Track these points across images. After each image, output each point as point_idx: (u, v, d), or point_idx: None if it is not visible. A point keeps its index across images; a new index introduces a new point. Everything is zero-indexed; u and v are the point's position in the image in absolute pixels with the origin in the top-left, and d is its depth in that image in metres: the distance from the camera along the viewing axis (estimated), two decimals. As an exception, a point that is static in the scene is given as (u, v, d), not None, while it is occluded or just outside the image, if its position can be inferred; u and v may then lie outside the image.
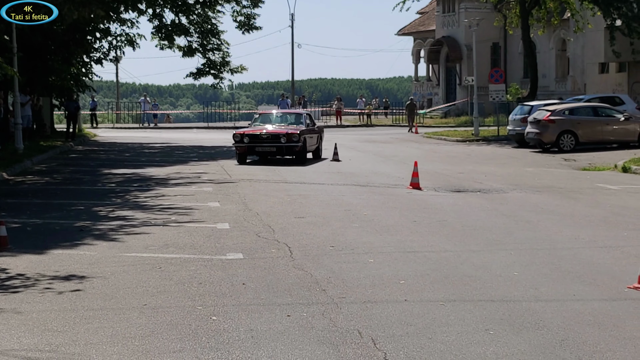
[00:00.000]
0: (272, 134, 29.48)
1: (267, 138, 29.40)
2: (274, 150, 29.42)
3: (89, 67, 44.57)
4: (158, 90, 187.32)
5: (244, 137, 29.05)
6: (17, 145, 31.18)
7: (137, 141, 43.63)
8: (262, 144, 29.31)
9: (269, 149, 29.39)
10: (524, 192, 20.98)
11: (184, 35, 46.24)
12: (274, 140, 29.30)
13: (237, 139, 29.11)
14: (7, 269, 11.73)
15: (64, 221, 16.03)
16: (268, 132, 29.63)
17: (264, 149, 29.41)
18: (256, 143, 29.21)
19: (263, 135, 29.36)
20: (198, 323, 8.91)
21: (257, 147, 29.30)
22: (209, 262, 12.12)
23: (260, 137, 29.32)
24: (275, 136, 29.38)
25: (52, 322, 8.98)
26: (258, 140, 29.27)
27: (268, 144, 29.33)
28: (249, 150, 29.30)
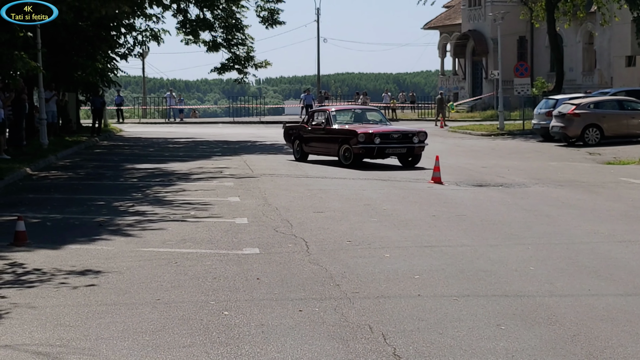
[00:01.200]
0: (403, 133, 26.41)
1: (398, 138, 26.18)
2: (404, 152, 26.26)
3: (114, 62, 44.75)
4: (186, 85, 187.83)
5: (374, 136, 25.58)
6: (41, 140, 31.35)
7: (162, 136, 43.79)
8: (392, 145, 25.98)
9: (400, 150, 26.17)
10: (546, 186, 20.87)
11: (208, 30, 46.29)
12: (404, 141, 26.16)
13: (362, 138, 25.55)
14: (24, 263, 11.80)
15: (83, 216, 16.10)
16: (399, 131, 26.73)
17: (395, 150, 26.12)
18: (387, 144, 25.85)
19: (394, 135, 26.17)
20: (210, 318, 8.93)
21: (388, 149, 25.91)
22: (225, 257, 12.14)
23: (391, 137, 26.05)
24: (406, 135, 26.31)
25: (65, 317, 9.02)
26: (388, 141, 25.94)
27: (399, 144, 26.09)
28: (379, 152, 25.90)
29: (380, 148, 25.66)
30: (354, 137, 25.79)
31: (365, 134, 25.62)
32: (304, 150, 28.39)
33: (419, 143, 26.08)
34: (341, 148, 26.36)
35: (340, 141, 26.44)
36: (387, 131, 26.15)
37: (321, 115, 28.58)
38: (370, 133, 25.66)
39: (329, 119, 27.49)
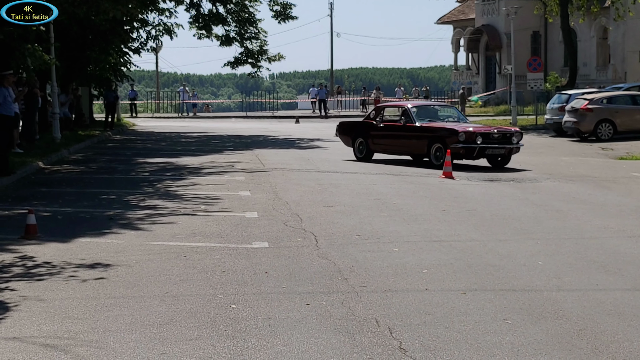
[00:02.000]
0: (502, 133, 24.55)
1: (498, 138, 24.32)
2: (504, 153, 24.44)
3: (127, 57, 44.81)
4: (199, 79, 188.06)
5: (476, 136, 23.69)
6: (54, 134, 31.48)
7: (174, 130, 43.88)
8: (493, 145, 24.07)
9: (499, 151, 24.33)
10: (557, 181, 20.85)
11: (221, 24, 46.32)
12: (504, 141, 24.32)
13: (463, 137, 23.61)
14: (34, 257, 11.86)
15: (94, 210, 16.15)
16: (499, 130, 24.81)
17: (495, 151, 24.25)
18: (488, 144, 23.95)
19: (494, 134, 24.24)
20: (217, 311, 8.96)
21: (488, 149, 24.05)
22: (234, 251, 12.17)
23: (491, 137, 24.14)
24: (505, 135, 24.48)
25: (74, 309, 9.06)
26: (489, 141, 24.03)
27: (499, 145, 24.21)
28: (479, 153, 24.06)
29: (482, 148, 23.81)
30: (452, 136, 23.75)
31: (465, 132, 23.70)
32: (370, 148, 26.43)
33: (517, 144, 24.43)
34: (432, 147, 24.25)
35: (431, 140, 24.39)
36: (487, 130, 24.37)
37: (396, 112, 26.76)
38: (472, 132, 23.79)
39: (409, 115, 25.28)
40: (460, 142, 23.58)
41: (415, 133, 24.95)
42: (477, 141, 23.64)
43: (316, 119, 58.53)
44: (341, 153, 28.45)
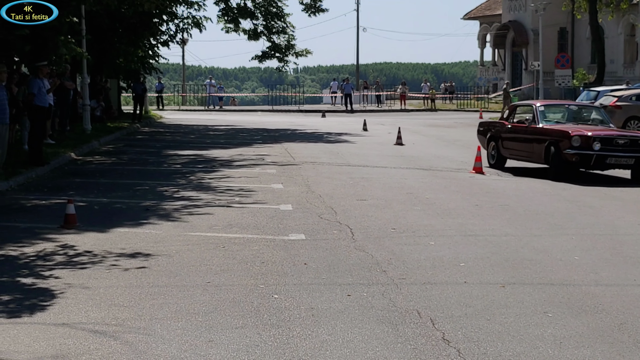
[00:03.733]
0: (631, 139, 20.54)
1: (625, 144, 20.37)
2: (632, 164, 20.46)
3: (156, 49, 45.04)
4: (224, 73, 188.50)
5: (593, 141, 20.14)
6: (84, 126, 31.72)
7: (202, 123, 44.05)
8: (617, 154, 20.23)
9: (626, 160, 20.33)
10: (586, 177, 20.87)
11: (249, 18, 46.50)
12: (634, 149, 20.34)
13: (577, 142, 20.10)
14: (75, 245, 12.02)
15: (129, 200, 16.32)
16: (626, 135, 21.01)
17: (620, 160, 20.30)
18: (609, 151, 20.20)
19: (619, 140, 20.43)
20: (260, 301, 9.08)
21: (610, 158, 20.18)
22: (271, 242, 12.30)
23: (615, 143, 20.35)
24: (636, 142, 20.42)
25: (119, 297, 9.21)
26: (611, 148, 20.28)
27: (625, 153, 20.27)
28: (597, 162, 20.28)
29: (600, 156, 20.09)
30: (564, 140, 20.40)
31: (580, 136, 20.17)
32: (501, 153, 23.29)
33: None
34: (548, 153, 21.04)
35: (548, 144, 21.04)
36: (610, 135, 20.47)
37: (525, 111, 23.56)
38: (588, 136, 20.16)
39: (535, 115, 22.14)
40: (574, 147, 20.09)
41: (535, 136, 21.75)
42: (593, 147, 20.02)
43: (342, 113, 58.60)
44: (369, 147, 28.55)
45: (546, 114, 22.32)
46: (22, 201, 16.34)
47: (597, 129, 21.09)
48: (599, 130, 20.99)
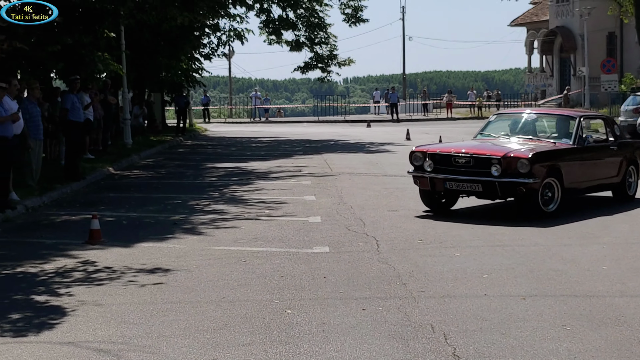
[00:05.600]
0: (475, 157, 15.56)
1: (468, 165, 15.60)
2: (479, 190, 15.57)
3: (198, 62, 45.14)
4: (274, 84, 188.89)
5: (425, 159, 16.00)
6: (125, 140, 31.83)
7: (245, 135, 44.04)
8: (456, 177, 15.63)
9: (470, 186, 15.55)
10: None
11: (291, 29, 46.47)
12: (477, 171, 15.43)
13: (417, 161, 16.13)
14: (96, 261, 11.94)
15: (159, 215, 16.25)
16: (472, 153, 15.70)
17: (461, 186, 15.65)
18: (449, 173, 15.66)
19: (460, 160, 15.71)
20: (272, 316, 8.92)
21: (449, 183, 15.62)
22: (294, 256, 12.13)
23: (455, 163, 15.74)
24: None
25: (130, 314, 9.09)
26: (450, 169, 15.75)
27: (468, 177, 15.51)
28: (432, 186, 15.94)
29: (434, 180, 15.81)
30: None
31: (420, 153, 16.18)
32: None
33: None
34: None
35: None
36: (447, 152, 16.02)
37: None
38: (424, 152, 16.13)
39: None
40: (414, 166, 16.28)
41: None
42: (425, 167, 15.97)
43: (388, 122, 58.36)
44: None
45: (493, 126, 17.84)
46: (52, 217, 16.34)
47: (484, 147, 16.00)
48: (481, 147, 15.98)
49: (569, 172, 15.73)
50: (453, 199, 16.46)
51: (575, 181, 16.08)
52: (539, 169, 15.11)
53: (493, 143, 16.49)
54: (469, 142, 17.62)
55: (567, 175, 15.65)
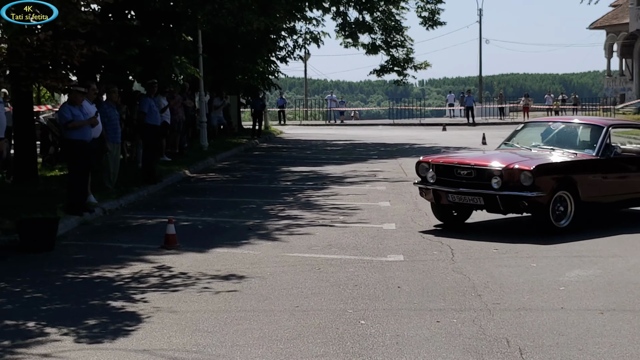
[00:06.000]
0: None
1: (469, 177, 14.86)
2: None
3: (274, 65, 45.33)
4: (349, 86, 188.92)
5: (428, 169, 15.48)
6: (202, 142, 32.06)
7: (320, 138, 44.08)
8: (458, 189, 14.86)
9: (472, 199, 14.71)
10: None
11: (367, 32, 46.43)
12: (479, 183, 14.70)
13: (424, 172, 15.60)
14: (172, 267, 12.03)
15: (234, 219, 16.31)
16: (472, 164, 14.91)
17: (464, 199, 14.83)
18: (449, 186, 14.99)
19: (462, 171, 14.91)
20: (345, 327, 8.88)
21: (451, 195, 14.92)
22: (368, 264, 12.08)
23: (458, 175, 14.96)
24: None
25: (204, 322, 9.13)
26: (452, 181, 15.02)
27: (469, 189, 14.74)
28: (436, 198, 15.35)
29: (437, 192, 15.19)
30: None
31: (425, 163, 15.66)
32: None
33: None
34: None
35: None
36: (450, 162, 15.29)
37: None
38: (428, 162, 15.62)
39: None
40: (420, 176, 15.77)
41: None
42: (428, 179, 15.41)
43: (463, 126, 57.95)
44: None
45: (519, 135, 16.83)
46: (129, 220, 16.52)
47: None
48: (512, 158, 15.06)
49: (587, 185, 14.74)
50: (466, 211, 15.61)
51: (597, 195, 15.04)
52: (546, 181, 14.25)
53: (503, 154, 15.68)
54: (476, 152, 17.25)
55: (584, 188, 14.65)
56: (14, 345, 8.29)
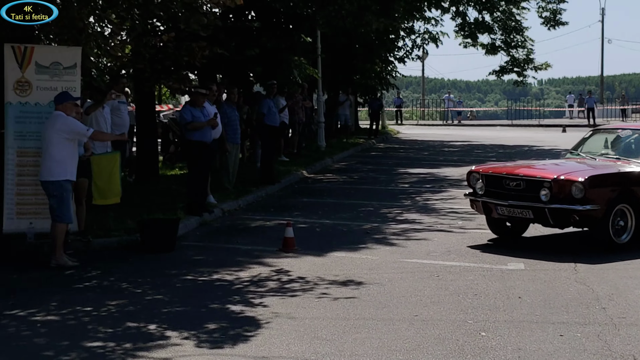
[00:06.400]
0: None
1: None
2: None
3: (392, 65, 45.17)
4: (466, 85, 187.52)
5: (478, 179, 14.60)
6: (319, 143, 32.16)
7: (437, 139, 43.75)
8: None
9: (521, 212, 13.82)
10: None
11: (487, 32, 45.93)
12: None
13: (474, 182, 14.71)
14: (290, 271, 12.04)
15: (351, 222, 16.28)
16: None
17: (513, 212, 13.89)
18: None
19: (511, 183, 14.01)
20: (466, 339, 8.73)
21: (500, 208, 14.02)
22: (488, 272, 11.89)
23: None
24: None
25: (323, 329, 9.08)
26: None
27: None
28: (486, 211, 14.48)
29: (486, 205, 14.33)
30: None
31: (476, 173, 14.78)
32: None
33: None
34: None
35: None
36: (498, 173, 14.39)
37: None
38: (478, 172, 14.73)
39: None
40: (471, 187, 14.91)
41: None
42: (477, 190, 14.60)
43: (583, 127, 56.87)
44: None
45: (587, 143, 15.88)
46: (248, 221, 16.63)
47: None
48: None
49: None
50: (522, 224, 14.73)
51: None
52: (601, 194, 13.22)
53: (558, 164, 14.87)
54: (531, 161, 16.39)
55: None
56: (136, 348, 8.39)
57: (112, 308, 10.01)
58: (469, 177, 14.79)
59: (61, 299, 10.46)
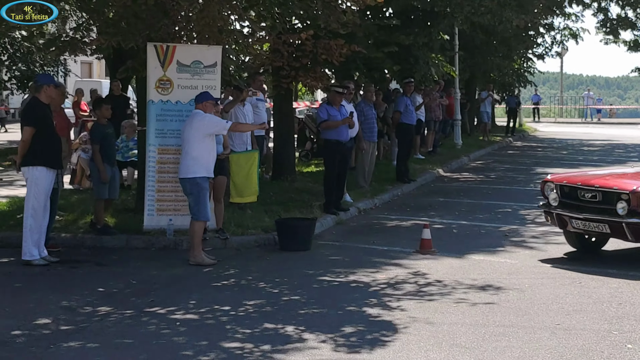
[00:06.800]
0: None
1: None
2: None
3: (531, 62, 44.43)
4: (605, 82, 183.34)
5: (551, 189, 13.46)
6: (455, 141, 31.83)
7: (576, 137, 42.79)
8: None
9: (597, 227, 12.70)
10: None
11: (630, 29, 44.73)
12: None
13: (549, 190, 13.52)
14: (427, 273, 11.88)
15: (489, 224, 16.01)
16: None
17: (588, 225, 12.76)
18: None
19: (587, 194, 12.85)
20: (611, 350, 8.43)
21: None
22: (633, 280, 11.49)
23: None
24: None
25: (461, 336, 8.90)
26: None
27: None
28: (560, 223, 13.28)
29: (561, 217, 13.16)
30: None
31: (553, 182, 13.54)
32: None
33: None
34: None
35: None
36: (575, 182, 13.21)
37: None
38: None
39: None
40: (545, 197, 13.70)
41: None
42: (551, 201, 13.45)
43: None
44: None
45: None
46: (384, 221, 16.52)
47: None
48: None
49: None
50: (601, 237, 13.36)
51: None
52: None
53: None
54: (612, 170, 15.37)
55: None
56: (274, 351, 8.36)
57: (250, 308, 10.04)
58: (543, 187, 13.64)
59: (200, 297, 10.55)
